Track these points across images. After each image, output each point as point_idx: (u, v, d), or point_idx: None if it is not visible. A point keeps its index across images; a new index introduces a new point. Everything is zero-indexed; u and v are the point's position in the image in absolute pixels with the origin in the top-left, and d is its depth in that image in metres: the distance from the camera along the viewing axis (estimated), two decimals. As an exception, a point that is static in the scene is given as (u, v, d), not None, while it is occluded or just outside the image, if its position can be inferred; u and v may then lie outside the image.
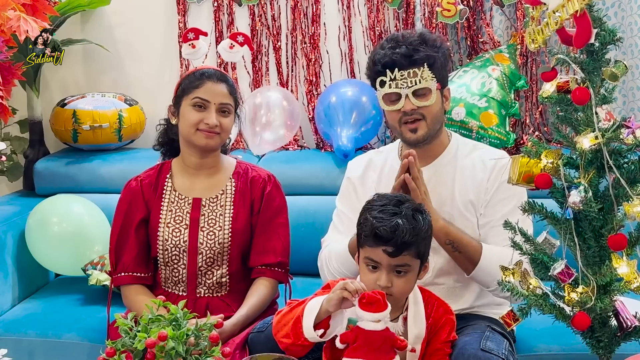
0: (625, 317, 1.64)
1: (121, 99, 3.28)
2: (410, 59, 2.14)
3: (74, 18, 3.40)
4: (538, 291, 1.66)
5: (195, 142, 2.32)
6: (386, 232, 1.86)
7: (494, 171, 2.20)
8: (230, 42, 2.65)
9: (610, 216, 1.61)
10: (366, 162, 2.38)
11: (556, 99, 1.66)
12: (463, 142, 2.33)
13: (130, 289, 2.35)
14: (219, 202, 2.37)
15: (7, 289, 2.82)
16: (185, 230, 2.34)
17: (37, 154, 3.31)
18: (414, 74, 2.14)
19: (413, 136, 2.19)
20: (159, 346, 1.70)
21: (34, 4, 2.71)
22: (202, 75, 2.33)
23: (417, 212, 1.93)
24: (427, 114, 2.17)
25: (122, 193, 2.42)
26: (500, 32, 3.15)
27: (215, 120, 2.28)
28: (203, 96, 2.30)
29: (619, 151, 1.61)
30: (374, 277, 1.90)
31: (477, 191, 2.21)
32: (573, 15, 1.53)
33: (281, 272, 2.36)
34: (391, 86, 2.16)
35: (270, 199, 2.39)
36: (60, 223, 2.89)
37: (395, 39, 2.20)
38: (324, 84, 3.32)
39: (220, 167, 2.42)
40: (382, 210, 1.91)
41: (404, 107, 2.15)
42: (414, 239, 1.88)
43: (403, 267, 1.89)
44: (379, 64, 2.18)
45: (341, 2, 3.27)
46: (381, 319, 1.79)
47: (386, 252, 1.87)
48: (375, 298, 1.78)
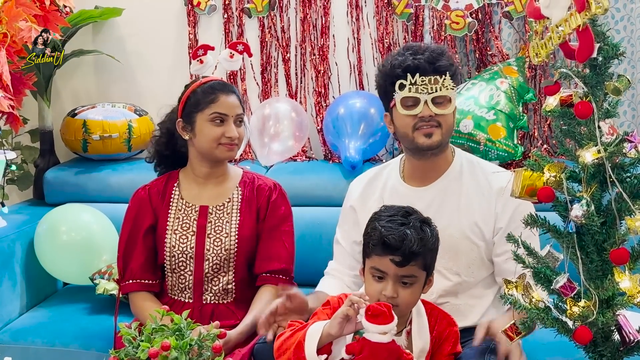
0: (628, 332, 1.63)
1: (131, 110, 3.30)
2: (434, 66, 2.15)
3: (86, 29, 3.43)
4: (540, 305, 1.66)
5: (218, 156, 2.35)
6: (395, 241, 1.86)
7: (501, 197, 2.15)
8: (230, 52, 2.68)
9: (612, 230, 1.61)
10: (368, 180, 2.37)
11: (559, 112, 1.65)
12: (467, 159, 2.30)
13: (137, 296, 2.38)
14: (226, 209, 2.39)
15: (15, 297, 2.83)
16: (192, 237, 2.36)
17: (48, 164, 3.34)
18: (435, 81, 2.14)
19: (427, 141, 2.16)
20: (162, 356, 1.71)
21: (45, 15, 2.74)
22: (214, 89, 2.34)
23: (425, 224, 1.93)
24: (443, 123, 2.16)
25: (131, 201, 2.45)
26: (509, 45, 3.16)
27: (236, 133, 2.33)
28: (222, 111, 2.32)
29: (621, 165, 1.60)
30: (380, 287, 1.90)
31: (485, 216, 2.18)
32: (576, 30, 1.54)
33: (285, 279, 2.37)
34: (411, 90, 2.14)
35: (276, 207, 2.42)
36: (69, 232, 2.91)
37: (415, 47, 2.21)
38: (332, 95, 3.34)
39: (227, 176, 2.45)
40: (390, 220, 1.92)
41: (422, 112, 2.14)
42: (422, 250, 1.88)
43: (409, 277, 1.89)
44: (399, 68, 2.16)
45: (350, 14, 3.29)
46: (387, 332, 1.78)
47: (394, 262, 1.87)
48: (381, 310, 1.78)
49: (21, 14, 2.59)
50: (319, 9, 3.30)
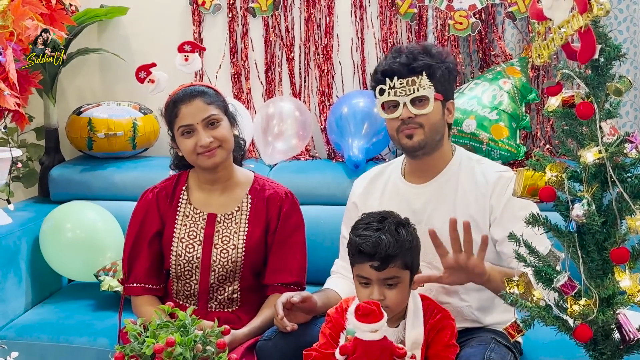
0: (628, 330, 1.64)
1: (136, 108, 3.32)
2: (409, 67, 2.16)
3: (91, 28, 3.45)
4: (541, 303, 1.67)
5: (202, 165, 2.30)
6: (368, 248, 1.96)
7: (496, 187, 2.18)
8: (183, 55, 2.66)
9: (613, 230, 1.62)
10: (370, 178, 2.39)
11: (561, 113, 1.67)
12: (467, 157, 2.31)
13: (140, 300, 2.37)
14: (234, 219, 2.36)
15: (21, 293, 2.85)
16: (199, 246, 2.33)
17: (53, 161, 3.36)
18: (413, 82, 2.15)
19: (409, 142, 2.18)
20: (167, 352, 1.72)
21: (51, 13, 2.75)
22: (175, 103, 2.30)
23: (400, 226, 2.01)
24: (425, 123, 2.16)
25: (138, 204, 2.43)
26: (512, 45, 3.17)
27: (206, 139, 2.25)
28: (184, 123, 2.27)
29: (622, 165, 1.62)
30: (367, 292, 1.99)
31: (481, 209, 2.18)
32: (578, 31, 1.55)
33: (297, 290, 2.31)
34: (390, 94, 2.17)
35: (287, 218, 2.37)
36: (73, 229, 2.93)
37: (399, 49, 2.22)
38: (336, 94, 3.35)
39: (236, 181, 2.40)
40: (366, 228, 2.01)
41: (402, 114, 2.16)
42: (398, 251, 1.96)
43: (392, 279, 1.97)
44: (379, 73, 2.20)
45: (354, 14, 3.30)
46: (378, 329, 1.82)
47: (373, 267, 1.96)
48: (370, 309, 1.82)
49: (28, 13, 2.60)
50: (323, 9, 3.31)
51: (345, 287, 2.29)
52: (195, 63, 2.65)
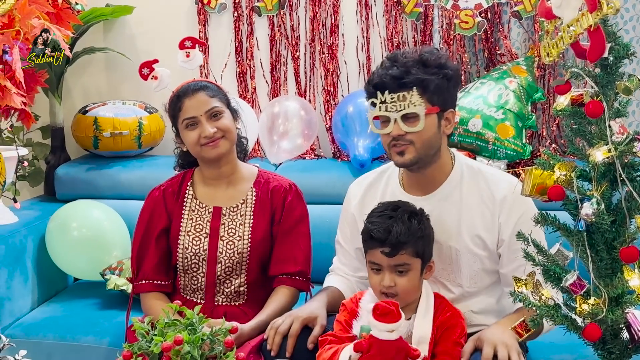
0: (637, 330, 1.64)
1: (141, 107, 3.32)
2: (400, 82, 2.04)
3: (97, 27, 3.45)
4: (550, 302, 1.67)
5: (207, 156, 2.33)
6: (380, 234, 2.00)
7: (504, 206, 2.11)
8: (184, 52, 2.66)
9: (622, 229, 1.62)
10: (366, 186, 2.31)
11: (570, 111, 1.66)
12: (468, 165, 2.20)
13: (149, 296, 2.39)
14: (240, 211, 2.38)
15: (27, 292, 2.86)
16: (205, 239, 2.36)
17: (58, 160, 3.37)
18: (403, 97, 2.04)
19: (400, 159, 2.10)
20: (175, 350, 1.73)
21: (58, 12, 2.76)
22: (179, 97, 2.34)
23: (413, 215, 2.04)
24: (415, 140, 2.06)
25: (145, 202, 2.45)
26: (518, 45, 3.17)
27: (210, 129, 2.29)
28: (189, 115, 2.31)
29: (631, 164, 1.61)
30: (379, 278, 2.03)
31: (488, 227, 2.12)
32: (587, 30, 1.55)
33: (302, 280, 2.36)
34: (381, 109, 2.06)
35: (291, 209, 2.39)
36: (79, 228, 2.93)
37: (393, 58, 2.11)
38: (341, 94, 3.35)
39: (240, 176, 2.42)
40: (379, 215, 2.05)
41: (392, 131, 2.06)
42: (409, 238, 1.99)
43: (403, 266, 2.01)
44: (371, 85, 2.10)
45: (360, 13, 3.30)
46: (395, 329, 1.81)
47: (384, 253, 2.00)
48: (389, 309, 1.81)
49: (34, 12, 2.61)
50: (329, 8, 3.31)
51: (345, 285, 2.30)
52: (197, 58, 2.66)
